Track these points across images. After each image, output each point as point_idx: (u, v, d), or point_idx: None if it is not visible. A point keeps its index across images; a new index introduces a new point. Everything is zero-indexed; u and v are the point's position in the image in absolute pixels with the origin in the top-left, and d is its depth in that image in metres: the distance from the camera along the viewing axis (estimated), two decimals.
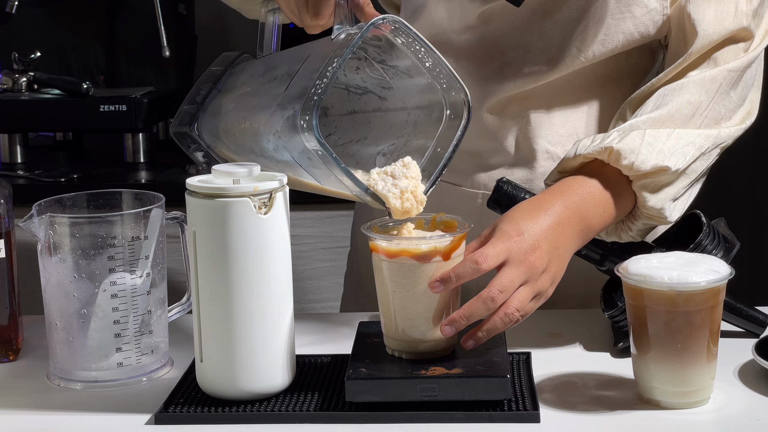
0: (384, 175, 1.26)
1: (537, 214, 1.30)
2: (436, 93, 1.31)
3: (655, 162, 1.35)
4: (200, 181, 1.23)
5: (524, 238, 1.26)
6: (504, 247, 1.25)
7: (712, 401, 1.23)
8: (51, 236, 1.29)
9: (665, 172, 1.36)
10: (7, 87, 2.83)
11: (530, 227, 1.27)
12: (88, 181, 2.65)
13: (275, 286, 1.23)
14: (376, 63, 1.34)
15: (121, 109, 2.73)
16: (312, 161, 1.23)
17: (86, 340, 1.31)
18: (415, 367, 1.23)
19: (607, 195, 1.36)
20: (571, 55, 1.49)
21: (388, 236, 1.24)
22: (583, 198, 1.34)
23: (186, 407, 1.23)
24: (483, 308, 1.23)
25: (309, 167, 1.26)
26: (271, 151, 1.29)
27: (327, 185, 1.29)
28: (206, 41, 3.15)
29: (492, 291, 1.23)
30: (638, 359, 1.23)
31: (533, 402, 1.21)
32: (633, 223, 1.40)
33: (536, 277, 1.26)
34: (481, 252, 1.24)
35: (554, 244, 1.28)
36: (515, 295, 1.24)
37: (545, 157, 1.54)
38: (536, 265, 1.25)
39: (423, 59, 1.29)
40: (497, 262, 1.24)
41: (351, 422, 1.20)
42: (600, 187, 1.36)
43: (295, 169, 1.28)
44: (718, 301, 1.20)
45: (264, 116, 1.29)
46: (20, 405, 1.28)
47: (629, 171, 1.36)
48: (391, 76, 1.34)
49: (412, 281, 1.23)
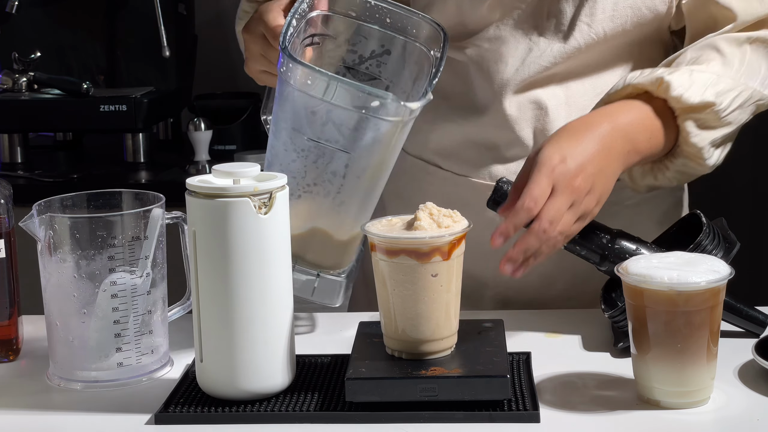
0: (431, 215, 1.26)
1: (582, 135, 1.33)
2: (415, 55, 1.34)
3: (702, 97, 1.38)
4: (200, 181, 1.23)
5: (567, 164, 1.30)
6: (548, 180, 1.29)
7: (712, 401, 1.23)
8: (51, 236, 1.29)
9: (710, 109, 1.39)
10: (7, 87, 2.83)
11: (573, 151, 1.31)
12: (88, 181, 2.65)
13: (275, 286, 1.23)
14: (357, 67, 1.36)
15: (121, 109, 2.73)
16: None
17: (86, 340, 1.31)
18: (415, 367, 1.23)
19: (656, 123, 1.39)
20: (582, 32, 1.51)
21: (388, 236, 1.24)
22: (631, 121, 1.37)
23: (186, 407, 1.23)
24: (536, 241, 1.27)
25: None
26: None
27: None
28: (206, 41, 3.15)
29: (543, 223, 1.27)
30: (638, 359, 1.23)
31: (533, 402, 1.21)
32: (672, 162, 1.42)
33: (581, 200, 1.30)
34: (529, 196, 1.28)
35: (599, 166, 1.32)
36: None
37: None
38: (581, 188, 1.29)
39: (382, 20, 1.35)
40: (546, 198, 1.28)
41: (351, 422, 1.20)
42: (649, 113, 1.39)
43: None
44: (718, 301, 1.20)
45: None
46: (20, 405, 1.28)
47: (677, 103, 1.38)
48: (376, 70, 1.36)
49: (412, 281, 1.23)
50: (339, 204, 1.36)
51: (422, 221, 1.24)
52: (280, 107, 1.36)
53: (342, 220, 1.38)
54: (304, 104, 1.32)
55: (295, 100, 1.33)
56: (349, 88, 1.29)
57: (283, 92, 1.35)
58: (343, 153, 1.33)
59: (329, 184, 1.35)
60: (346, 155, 1.33)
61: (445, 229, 1.24)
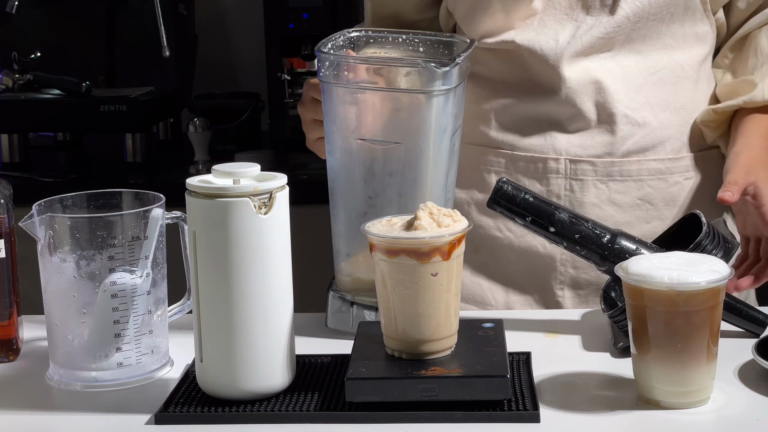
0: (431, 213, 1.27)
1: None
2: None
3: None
4: (200, 181, 1.23)
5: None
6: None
7: (712, 401, 1.23)
8: (51, 236, 1.29)
9: None
10: (7, 87, 2.83)
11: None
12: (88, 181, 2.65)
13: (275, 286, 1.23)
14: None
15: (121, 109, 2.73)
16: None
17: (86, 340, 1.31)
18: (415, 367, 1.23)
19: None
20: (627, 2, 1.56)
21: (388, 236, 1.24)
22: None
23: (186, 407, 1.23)
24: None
25: None
26: None
27: None
28: (206, 41, 3.15)
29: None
30: (638, 359, 1.23)
31: (533, 402, 1.21)
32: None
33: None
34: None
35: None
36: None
37: (624, 122, 1.59)
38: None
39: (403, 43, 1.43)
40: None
41: (351, 422, 1.20)
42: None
43: None
44: (718, 301, 1.20)
45: None
46: (20, 405, 1.28)
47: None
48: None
49: (412, 280, 1.23)
50: (403, 208, 1.39)
51: (422, 220, 1.24)
52: (328, 119, 1.41)
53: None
54: (344, 100, 1.37)
55: (335, 100, 1.38)
56: (380, 66, 1.35)
57: (326, 101, 1.40)
58: (394, 146, 1.37)
59: (389, 188, 1.39)
60: (398, 147, 1.37)
61: (445, 229, 1.24)
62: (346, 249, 1.44)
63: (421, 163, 1.39)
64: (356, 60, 1.38)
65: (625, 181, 1.60)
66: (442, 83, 1.35)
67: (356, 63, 1.37)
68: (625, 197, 1.61)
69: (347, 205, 1.41)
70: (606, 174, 1.60)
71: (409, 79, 1.36)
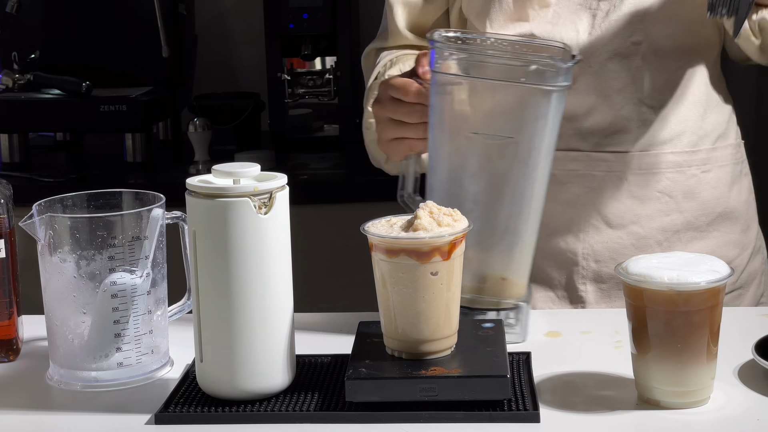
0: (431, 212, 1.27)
1: None
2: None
3: None
4: (200, 181, 1.23)
5: None
6: None
7: (712, 401, 1.23)
8: (51, 236, 1.29)
9: None
10: (7, 87, 2.83)
11: None
12: (88, 181, 2.65)
13: (275, 286, 1.23)
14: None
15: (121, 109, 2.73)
16: None
17: (86, 340, 1.31)
18: (415, 367, 1.23)
19: None
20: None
21: (388, 236, 1.24)
22: None
23: (186, 407, 1.23)
24: None
25: None
26: None
27: None
28: (206, 41, 3.15)
29: None
30: (638, 359, 1.23)
31: (533, 402, 1.21)
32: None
33: None
34: None
35: None
36: None
37: (643, 114, 1.60)
38: None
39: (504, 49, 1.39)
40: None
41: (351, 422, 1.20)
42: None
43: None
44: (718, 301, 1.20)
45: None
46: (20, 405, 1.28)
47: None
48: None
49: (412, 279, 1.23)
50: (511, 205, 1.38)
51: (422, 219, 1.24)
52: (438, 112, 1.38)
53: (521, 227, 1.39)
54: (460, 92, 1.36)
55: (451, 92, 1.36)
56: (505, 59, 1.33)
57: (437, 93, 1.38)
58: (509, 141, 1.36)
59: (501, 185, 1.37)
60: (512, 144, 1.36)
61: (445, 229, 1.24)
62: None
63: (531, 160, 1.37)
64: (487, 51, 1.35)
65: (644, 175, 1.61)
66: (563, 79, 1.34)
67: (487, 54, 1.34)
68: (644, 190, 1.61)
69: (452, 203, 1.36)
70: (625, 167, 1.60)
71: (533, 74, 1.34)
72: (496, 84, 1.35)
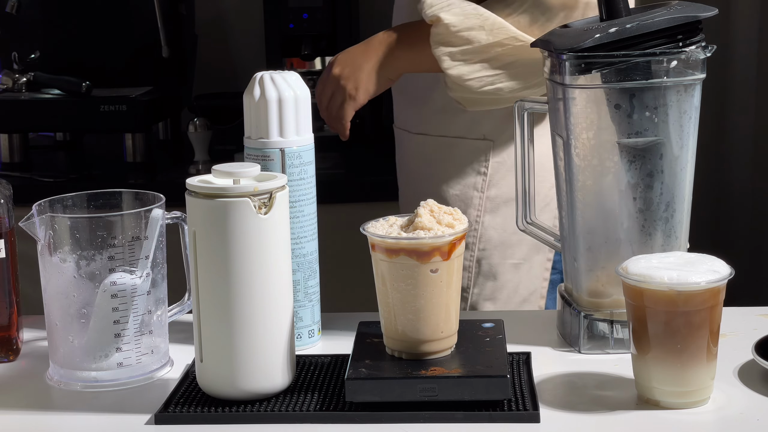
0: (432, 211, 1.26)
1: None
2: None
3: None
4: (200, 181, 1.23)
5: None
6: None
7: (712, 401, 1.23)
8: (51, 236, 1.29)
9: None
10: (7, 87, 2.83)
11: None
12: (88, 181, 2.65)
13: (275, 286, 1.23)
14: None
15: (121, 109, 2.73)
16: None
17: (86, 340, 1.31)
18: (415, 367, 1.23)
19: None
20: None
21: (388, 236, 1.24)
22: None
23: (186, 407, 1.23)
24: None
25: None
26: None
27: None
28: (206, 41, 3.15)
29: None
30: (638, 359, 1.23)
31: (533, 402, 1.21)
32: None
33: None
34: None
35: None
36: None
37: None
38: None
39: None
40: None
41: (351, 422, 1.20)
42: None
43: None
44: (717, 301, 1.20)
45: None
46: (20, 405, 1.28)
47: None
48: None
49: (412, 280, 1.23)
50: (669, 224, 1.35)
51: (423, 218, 1.24)
52: (574, 123, 1.33)
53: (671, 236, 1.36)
54: (599, 100, 1.31)
55: (592, 101, 1.31)
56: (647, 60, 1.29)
57: (575, 105, 1.33)
58: (655, 142, 1.32)
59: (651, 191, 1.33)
60: (660, 144, 1.32)
61: (446, 229, 1.24)
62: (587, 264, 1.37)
63: (681, 160, 1.33)
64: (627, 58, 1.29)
65: None
66: (701, 70, 1.31)
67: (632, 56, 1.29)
68: None
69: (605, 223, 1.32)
70: None
71: (673, 69, 1.30)
72: (638, 85, 1.30)
